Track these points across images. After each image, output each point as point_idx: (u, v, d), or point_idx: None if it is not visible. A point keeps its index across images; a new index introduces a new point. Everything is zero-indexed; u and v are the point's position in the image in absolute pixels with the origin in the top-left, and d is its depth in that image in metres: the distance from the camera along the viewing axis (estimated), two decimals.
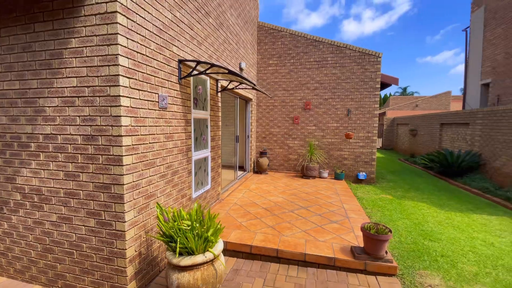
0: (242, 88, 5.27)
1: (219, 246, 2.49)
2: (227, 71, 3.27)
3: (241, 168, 8.12)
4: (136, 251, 2.60)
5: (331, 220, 4.17)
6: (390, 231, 2.91)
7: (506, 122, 6.84)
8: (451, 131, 9.98)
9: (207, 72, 3.57)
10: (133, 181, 2.51)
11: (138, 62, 2.55)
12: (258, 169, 8.06)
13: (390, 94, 49.79)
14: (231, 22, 5.54)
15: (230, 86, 5.02)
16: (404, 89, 49.78)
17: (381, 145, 20.45)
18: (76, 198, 2.54)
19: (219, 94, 4.89)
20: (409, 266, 3.07)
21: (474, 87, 12.30)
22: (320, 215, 4.41)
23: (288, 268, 3.05)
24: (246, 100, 7.68)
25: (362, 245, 3.15)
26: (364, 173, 7.59)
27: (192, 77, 3.68)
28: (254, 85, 3.74)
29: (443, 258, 3.25)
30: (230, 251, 3.41)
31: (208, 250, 2.38)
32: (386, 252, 2.97)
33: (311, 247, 3.24)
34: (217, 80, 4.72)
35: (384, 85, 8.42)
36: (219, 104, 4.90)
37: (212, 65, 3.18)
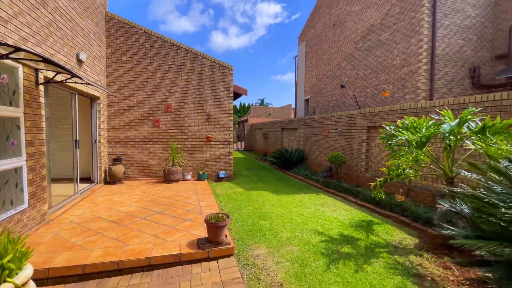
0: (82, 83, 4.48)
1: (25, 273, 2.00)
2: (40, 59, 2.69)
3: (87, 179, 6.84)
4: None
5: (185, 219, 4.30)
6: (228, 216, 3.37)
7: (316, 127, 9.58)
8: (288, 134, 12.82)
9: (12, 56, 2.78)
10: None
11: None
12: (112, 179, 7.06)
13: (252, 104, 57.57)
14: (62, 4, 4.60)
15: (59, 78, 4.13)
16: (262, 100, 59.12)
17: (243, 147, 23.15)
18: None
19: (41, 87, 3.92)
20: (245, 244, 3.67)
21: (300, 101, 16.41)
22: (175, 217, 4.44)
23: (130, 278, 2.86)
24: (91, 98, 6.55)
25: (207, 235, 3.45)
26: (224, 171, 8.33)
27: None
28: (80, 78, 3.27)
29: (270, 231, 4.12)
30: (55, 278, 2.79)
31: (5, 281, 1.85)
32: (226, 236, 3.41)
33: (158, 249, 3.20)
34: (36, 70, 3.76)
35: (237, 95, 9.62)
36: (42, 99, 3.93)
37: (18, 49, 2.52)
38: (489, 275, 2.26)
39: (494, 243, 1.95)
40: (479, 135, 3.20)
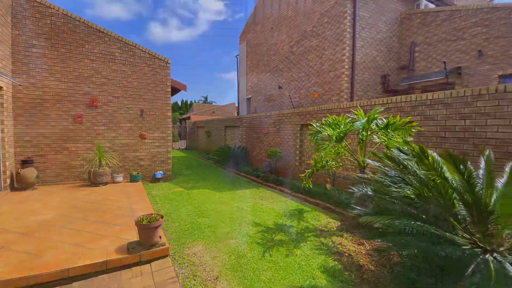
0: None
1: None
2: None
3: None
4: None
5: (113, 224, 3.94)
6: (162, 217, 3.24)
7: (257, 125, 9.92)
8: (231, 132, 12.93)
9: None
10: None
11: None
12: (21, 185, 5.94)
13: (195, 101, 55.88)
14: None
15: None
16: (206, 98, 58.13)
17: (185, 146, 22.31)
18: None
19: None
20: (182, 244, 3.59)
21: (243, 100, 16.74)
22: (102, 222, 4.03)
23: None
24: None
25: (139, 238, 3.25)
26: (161, 171, 7.90)
27: None
28: None
29: (208, 228, 4.13)
30: None
31: None
32: (160, 237, 3.28)
33: (79, 259, 2.87)
34: None
35: (175, 90, 9.23)
36: None
37: None
38: (389, 244, 2.77)
39: (388, 217, 2.41)
40: (383, 131, 3.86)
